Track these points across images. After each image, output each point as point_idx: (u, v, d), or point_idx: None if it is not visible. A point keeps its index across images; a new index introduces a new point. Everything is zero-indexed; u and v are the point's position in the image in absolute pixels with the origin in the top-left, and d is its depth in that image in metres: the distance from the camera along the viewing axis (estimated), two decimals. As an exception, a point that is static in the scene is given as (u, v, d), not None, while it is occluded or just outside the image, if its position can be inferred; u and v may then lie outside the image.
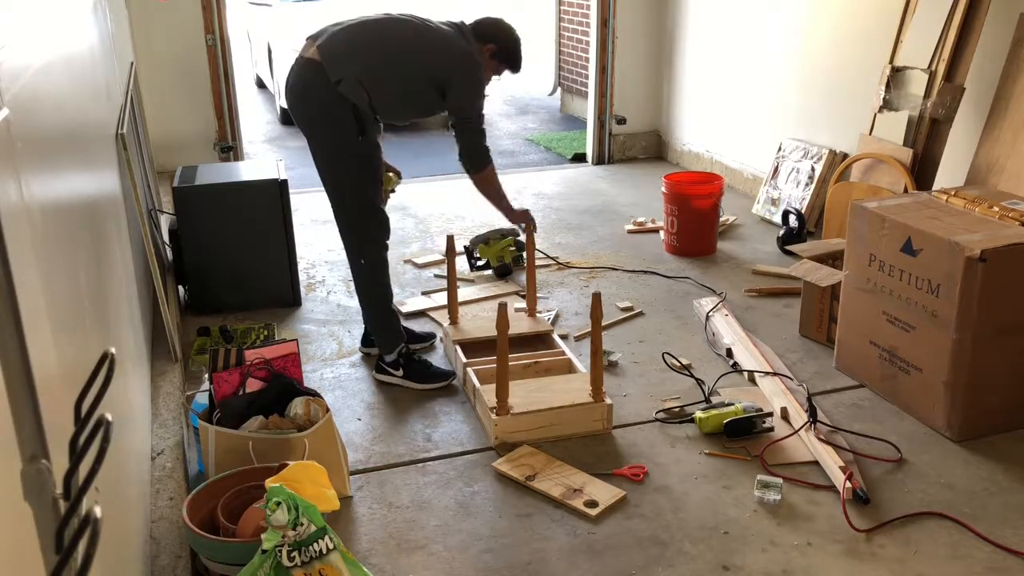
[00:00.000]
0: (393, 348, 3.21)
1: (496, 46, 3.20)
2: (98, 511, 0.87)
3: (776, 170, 4.99)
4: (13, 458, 0.99)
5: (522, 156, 6.70)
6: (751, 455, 2.74)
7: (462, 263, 4.19)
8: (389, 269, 3.25)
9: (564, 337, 3.57)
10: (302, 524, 1.92)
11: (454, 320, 3.50)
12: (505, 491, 2.61)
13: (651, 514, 2.49)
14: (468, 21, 3.29)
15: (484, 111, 3.21)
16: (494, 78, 3.28)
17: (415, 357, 3.26)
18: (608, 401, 2.88)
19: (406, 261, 4.44)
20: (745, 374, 3.22)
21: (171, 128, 5.42)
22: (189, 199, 3.68)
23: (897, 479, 2.63)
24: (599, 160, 6.32)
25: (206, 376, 2.74)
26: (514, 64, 3.26)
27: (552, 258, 4.42)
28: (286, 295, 3.91)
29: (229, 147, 5.55)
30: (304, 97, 3.05)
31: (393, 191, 3.52)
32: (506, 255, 4.24)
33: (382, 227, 3.19)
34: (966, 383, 2.76)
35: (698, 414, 2.88)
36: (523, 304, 3.83)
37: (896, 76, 3.92)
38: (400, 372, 3.20)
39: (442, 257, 4.47)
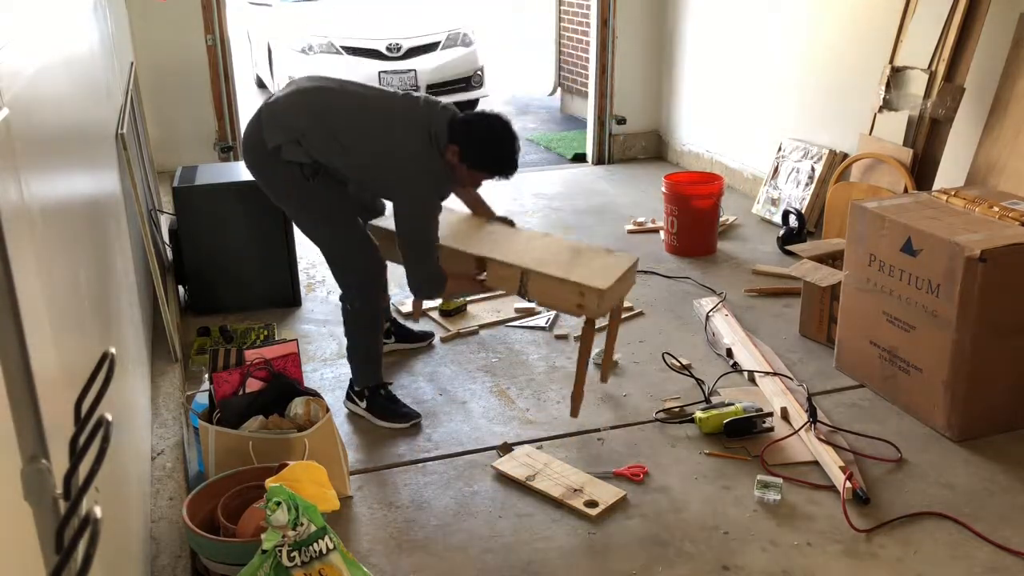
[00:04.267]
0: (364, 384, 2.99)
1: (461, 147, 2.73)
2: (98, 511, 0.87)
3: (776, 170, 4.99)
4: (13, 458, 0.99)
5: (522, 156, 6.68)
6: (751, 455, 2.74)
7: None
8: (380, 316, 3.02)
9: (564, 338, 3.57)
10: (302, 524, 1.92)
11: None
12: (505, 491, 2.61)
13: (651, 514, 2.49)
14: (455, 110, 2.82)
15: (435, 232, 2.78)
16: (484, 182, 2.90)
17: (382, 392, 3.01)
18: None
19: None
20: (745, 374, 3.22)
21: (171, 128, 5.42)
22: (189, 199, 3.68)
23: (897, 479, 2.63)
24: (599, 160, 6.32)
25: (206, 376, 2.74)
26: (489, 169, 2.80)
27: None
28: (286, 295, 3.91)
29: (229, 147, 5.55)
30: (246, 151, 2.91)
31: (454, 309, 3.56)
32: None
33: (366, 277, 2.90)
34: (966, 383, 2.76)
35: (698, 414, 2.88)
36: (523, 304, 3.82)
37: (896, 76, 3.92)
38: (364, 404, 2.99)
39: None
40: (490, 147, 2.78)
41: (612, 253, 2.97)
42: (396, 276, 4.18)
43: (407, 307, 3.86)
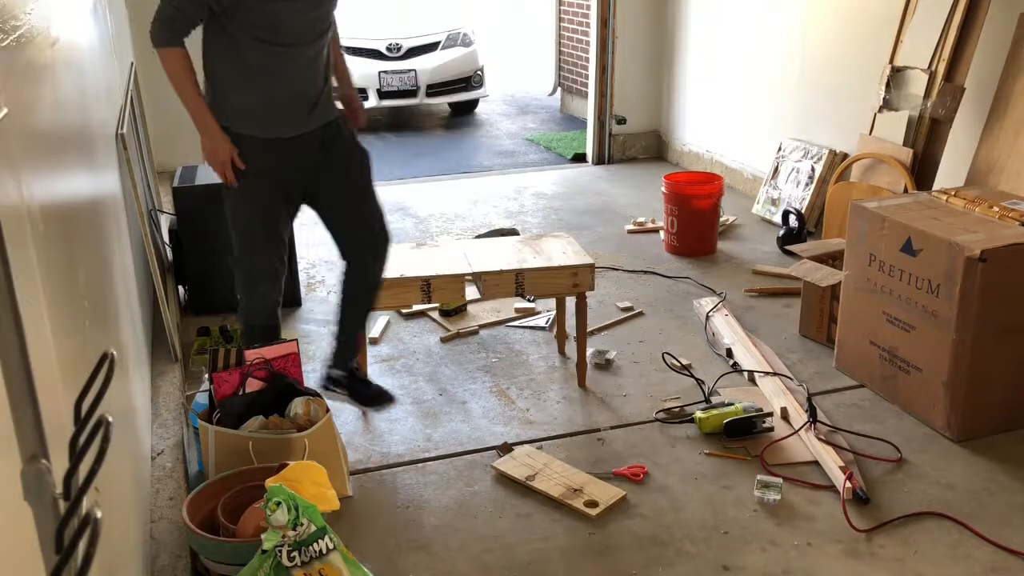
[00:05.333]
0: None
1: None
2: (98, 511, 0.87)
3: (776, 170, 4.99)
4: (13, 458, 0.99)
5: (522, 156, 6.70)
6: (751, 455, 2.74)
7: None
8: (259, 328, 2.87)
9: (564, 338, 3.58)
10: (302, 524, 1.92)
11: None
12: (505, 491, 2.61)
13: (651, 514, 2.49)
14: None
15: None
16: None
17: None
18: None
19: (406, 261, 4.43)
20: (745, 374, 3.22)
21: (171, 128, 5.41)
22: (189, 199, 3.68)
23: (897, 479, 2.63)
24: (599, 160, 6.32)
25: (206, 376, 2.74)
26: None
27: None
28: (286, 295, 3.89)
29: (229, 147, 5.53)
30: None
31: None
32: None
33: (250, 270, 2.86)
34: (966, 383, 2.76)
35: (698, 414, 2.88)
36: (523, 304, 3.83)
37: (896, 76, 3.92)
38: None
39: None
40: None
41: (552, 235, 3.33)
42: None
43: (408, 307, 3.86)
